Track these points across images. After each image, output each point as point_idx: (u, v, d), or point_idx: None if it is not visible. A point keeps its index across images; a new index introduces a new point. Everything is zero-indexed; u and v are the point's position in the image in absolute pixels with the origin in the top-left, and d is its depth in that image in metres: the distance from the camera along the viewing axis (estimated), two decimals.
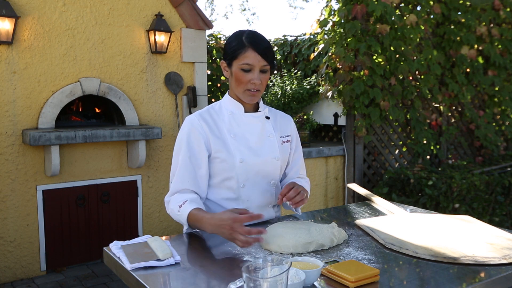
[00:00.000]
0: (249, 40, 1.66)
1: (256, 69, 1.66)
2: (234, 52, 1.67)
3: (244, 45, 1.65)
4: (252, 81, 1.66)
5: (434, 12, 4.93)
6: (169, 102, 4.25)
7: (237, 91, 1.72)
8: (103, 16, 3.86)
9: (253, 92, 1.69)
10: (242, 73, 1.67)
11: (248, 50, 1.65)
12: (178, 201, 1.66)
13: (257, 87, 1.68)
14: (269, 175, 1.79)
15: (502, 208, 4.58)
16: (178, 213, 1.65)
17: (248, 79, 1.67)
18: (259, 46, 1.65)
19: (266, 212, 1.83)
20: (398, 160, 5.01)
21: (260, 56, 1.65)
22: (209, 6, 14.00)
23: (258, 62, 1.65)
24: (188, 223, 1.64)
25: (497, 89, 5.58)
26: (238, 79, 1.68)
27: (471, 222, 1.79)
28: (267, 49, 1.67)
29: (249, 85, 1.68)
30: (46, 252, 3.68)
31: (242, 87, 1.69)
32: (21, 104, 3.54)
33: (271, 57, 1.68)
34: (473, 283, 1.26)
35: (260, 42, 1.66)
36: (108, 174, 3.94)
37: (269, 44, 1.70)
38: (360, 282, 1.21)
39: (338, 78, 4.50)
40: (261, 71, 1.67)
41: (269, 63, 1.68)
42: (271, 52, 1.68)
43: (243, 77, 1.67)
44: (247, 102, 1.74)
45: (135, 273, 1.31)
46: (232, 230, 1.41)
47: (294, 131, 1.94)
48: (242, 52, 1.65)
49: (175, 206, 1.67)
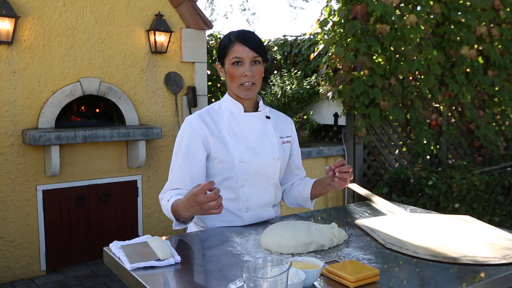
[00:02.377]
0: (235, 35, 1.70)
1: (246, 61, 1.68)
2: (223, 50, 1.72)
3: (231, 41, 1.70)
4: (244, 74, 1.68)
5: (434, 12, 4.93)
6: (169, 102, 4.25)
7: (233, 88, 1.74)
8: (103, 16, 3.86)
9: (247, 86, 1.70)
10: (233, 67, 1.69)
11: (236, 44, 1.68)
12: (168, 197, 1.68)
13: (250, 79, 1.69)
14: (269, 175, 1.79)
15: (502, 208, 4.58)
16: (167, 208, 1.66)
17: (240, 72, 1.69)
18: (246, 39, 1.69)
19: (266, 212, 1.83)
20: (398, 160, 5.01)
21: (247, 48, 1.67)
22: (209, 6, 14.01)
23: (246, 54, 1.68)
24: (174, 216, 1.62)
25: (497, 89, 5.58)
26: (231, 75, 1.71)
27: (471, 222, 1.79)
28: (254, 40, 1.69)
29: (242, 79, 1.69)
30: (46, 252, 3.68)
31: (236, 82, 1.71)
32: (21, 104, 3.54)
33: (260, 49, 1.70)
34: (473, 283, 1.26)
35: (246, 36, 1.69)
36: (108, 174, 3.94)
37: (258, 38, 1.72)
38: (360, 282, 1.21)
39: (338, 78, 4.50)
40: (253, 63, 1.69)
41: (259, 54, 1.69)
42: (259, 44, 1.70)
43: (235, 71, 1.69)
44: (244, 97, 1.74)
45: (135, 273, 1.31)
46: (199, 203, 1.41)
47: (294, 133, 1.95)
48: (230, 47, 1.69)
49: (165, 202, 1.68)
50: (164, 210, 1.69)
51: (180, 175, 1.71)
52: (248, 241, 1.57)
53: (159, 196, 1.77)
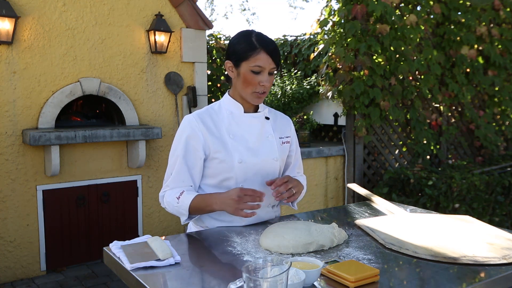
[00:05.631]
0: (260, 43, 1.66)
1: (266, 71, 1.67)
2: (244, 53, 1.66)
3: (255, 47, 1.65)
4: (262, 83, 1.67)
5: (434, 12, 4.93)
6: (169, 102, 4.25)
7: (243, 92, 1.72)
8: (103, 16, 3.86)
9: (260, 94, 1.70)
10: (252, 75, 1.67)
11: (261, 53, 1.65)
12: (175, 194, 1.70)
13: (265, 89, 1.69)
14: (268, 175, 1.79)
15: (502, 208, 4.58)
16: (177, 205, 1.69)
17: (257, 80, 1.67)
18: (273, 50, 1.67)
19: (265, 212, 1.83)
20: (398, 160, 5.01)
21: (271, 58, 1.66)
22: (209, 6, 14.00)
23: (269, 64, 1.66)
24: (188, 211, 1.67)
25: (497, 89, 5.58)
26: (247, 81, 1.68)
27: (471, 222, 1.79)
28: (276, 51, 1.69)
29: (258, 87, 1.68)
30: (46, 252, 3.68)
31: (250, 89, 1.69)
32: (21, 104, 3.54)
33: (279, 59, 1.71)
34: (473, 283, 1.26)
35: (270, 44, 1.68)
36: (108, 174, 3.94)
37: (276, 45, 1.71)
38: (360, 282, 1.21)
39: (338, 78, 4.50)
40: (269, 73, 1.69)
41: (276, 65, 1.70)
42: (279, 54, 1.71)
43: (253, 79, 1.67)
44: (254, 103, 1.75)
45: (135, 273, 1.31)
46: (239, 200, 1.56)
47: (294, 133, 1.95)
48: (254, 54, 1.65)
49: (172, 199, 1.71)
50: (170, 206, 1.73)
51: (178, 175, 1.73)
52: (248, 241, 1.57)
53: (160, 194, 1.80)
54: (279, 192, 1.67)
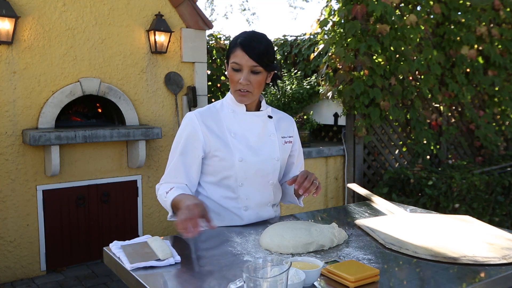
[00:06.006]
0: (240, 40, 1.66)
1: (244, 69, 1.65)
2: (228, 51, 1.71)
3: (235, 45, 1.67)
4: (240, 81, 1.66)
5: (434, 12, 4.93)
6: (169, 102, 4.25)
7: (231, 90, 1.75)
8: (103, 16, 3.86)
9: (242, 92, 1.68)
10: (232, 72, 1.69)
11: (237, 50, 1.65)
12: (166, 188, 1.72)
13: (245, 87, 1.67)
14: (268, 174, 1.79)
15: (502, 208, 4.58)
16: (165, 199, 1.71)
17: (237, 78, 1.67)
18: (249, 46, 1.63)
19: (265, 212, 1.83)
20: (398, 160, 5.01)
21: (247, 55, 1.63)
22: (209, 6, 14.00)
23: (246, 61, 1.64)
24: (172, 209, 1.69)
25: (497, 89, 5.58)
26: (230, 78, 1.71)
27: (471, 222, 1.79)
28: (257, 49, 1.63)
29: (238, 85, 1.68)
30: (46, 252, 3.68)
31: (233, 86, 1.71)
32: (21, 104, 3.54)
33: (262, 58, 1.64)
34: (473, 283, 1.26)
35: (251, 43, 1.64)
36: (108, 174, 3.94)
37: (264, 46, 1.66)
38: (360, 282, 1.21)
39: (338, 78, 4.50)
40: (252, 72, 1.66)
41: (259, 64, 1.64)
42: (262, 53, 1.64)
43: (233, 76, 1.69)
44: (238, 102, 1.74)
45: (135, 273, 1.31)
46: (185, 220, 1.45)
47: (296, 133, 1.94)
48: (232, 51, 1.67)
49: (162, 192, 1.73)
50: (162, 200, 1.75)
51: (176, 172, 1.75)
52: (248, 241, 1.57)
53: (156, 186, 1.82)
54: (305, 188, 1.61)
